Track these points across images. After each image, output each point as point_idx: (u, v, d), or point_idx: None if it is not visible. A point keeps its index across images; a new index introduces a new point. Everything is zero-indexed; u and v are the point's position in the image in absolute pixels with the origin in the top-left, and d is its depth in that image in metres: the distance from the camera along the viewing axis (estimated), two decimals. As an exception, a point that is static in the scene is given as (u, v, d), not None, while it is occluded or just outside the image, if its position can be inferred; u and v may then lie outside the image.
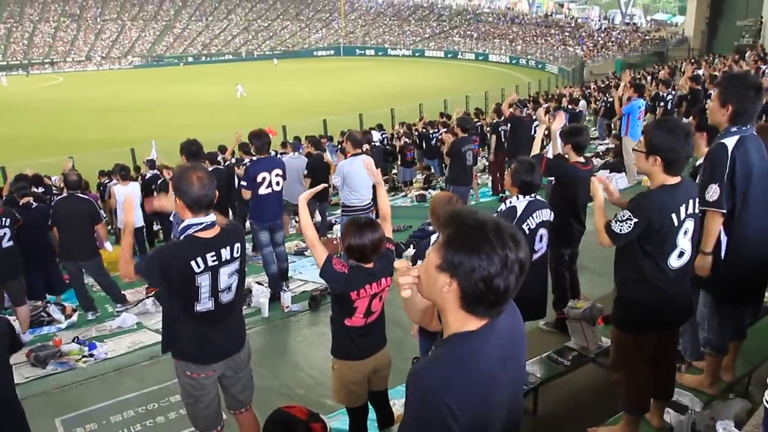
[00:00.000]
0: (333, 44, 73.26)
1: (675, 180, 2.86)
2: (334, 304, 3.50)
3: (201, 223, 3.04)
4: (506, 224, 1.51)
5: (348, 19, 76.49)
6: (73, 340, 6.21)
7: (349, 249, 3.28)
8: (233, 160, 10.04)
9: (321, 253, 3.29)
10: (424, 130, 15.52)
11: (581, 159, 5.02)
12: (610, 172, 10.64)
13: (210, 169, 9.70)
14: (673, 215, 2.82)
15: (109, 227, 9.90)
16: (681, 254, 2.91)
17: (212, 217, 3.09)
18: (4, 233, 6.33)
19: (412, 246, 7.94)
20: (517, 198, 4.09)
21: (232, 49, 74.51)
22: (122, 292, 7.44)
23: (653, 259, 2.89)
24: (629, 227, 2.83)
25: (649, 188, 2.94)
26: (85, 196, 7.60)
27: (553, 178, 5.14)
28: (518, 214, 3.98)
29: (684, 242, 2.90)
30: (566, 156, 5.05)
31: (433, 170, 14.40)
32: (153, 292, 7.27)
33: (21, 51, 72.27)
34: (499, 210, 4.19)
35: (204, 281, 3.04)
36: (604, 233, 2.96)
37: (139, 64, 70.05)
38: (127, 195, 8.31)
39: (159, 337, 6.12)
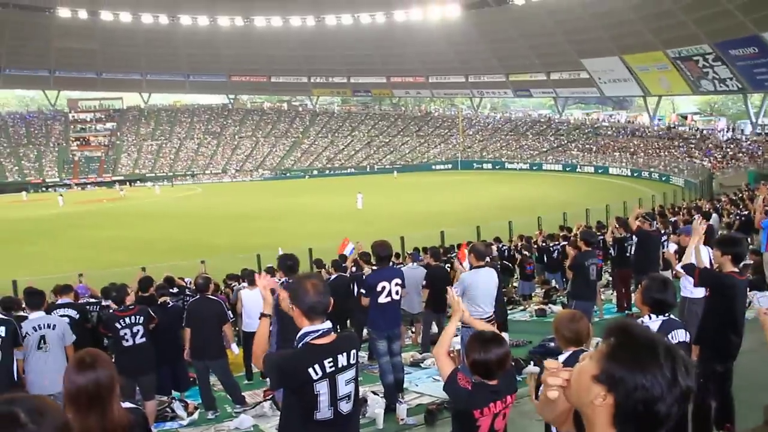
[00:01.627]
0: (451, 158, 75.23)
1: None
2: (455, 421, 3.38)
3: (317, 330, 3.08)
4: (677, 348, 1.42)
5: (466, 135, 78.69)
6: (193, 439, 6.36)
7: (474, 364, 3.18)
8: (353, 269, 10.28)
9: (446, 367, 3.22)
10: (544, 244, 15.25)
11: (735, 269, 4.71)
12: (750, 290, 9.81)
13: (334, 276, 10.03)
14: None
15: (235, 329, 10.27)
16: None
17: (328, 324, 3.13)
18: (138, 330, 6.76)
19: (532, 363, 7.61)
20: (650, 317, 3.86)
21: (355, 163, 78.41)
22: (242, 393, 7.61)
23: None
24: None
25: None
26: (216, 298, 8.02)
27: (705, 289, 4.83)
28: (653, 335, 3.73)
29: None
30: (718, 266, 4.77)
31: (554, 284, 13.97)
32: (270, 395, 7.37)
33: (168, 164, 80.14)
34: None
35: (322, 389, 3.04)
36: None
37: (269, 176, 75.21)
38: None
39: (275, 442, 6.19)
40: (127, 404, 2.85)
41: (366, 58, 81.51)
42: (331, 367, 3.05)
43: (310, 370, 3.00)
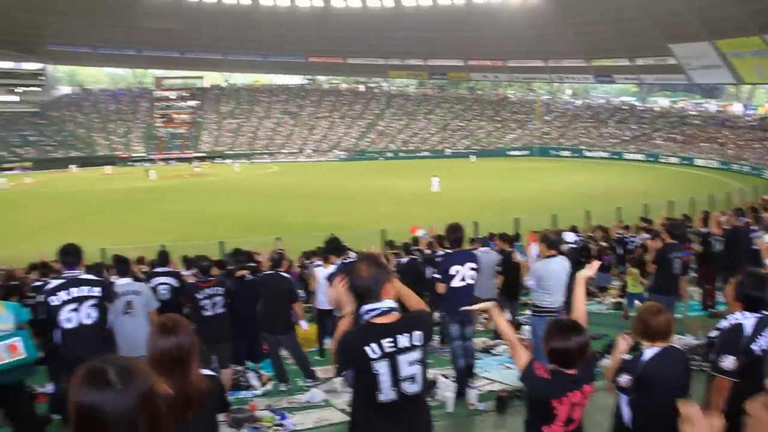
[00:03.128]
0: (527, 144, 73.78)
1: None
2: (532, 409, 3.31)
3: (377, 309, 3.04)
4: None
5: (543, 121, 76.89)
6: (266, 408, 6.55)
7: (553, 352, 3.10)
8: (427, 252, 10.26)
9: (522, 356, 3.16)
10: (619, 234, 14.73)
11: None
12: None
13: (405, 259, 10.05)
14: None
15: (308, 305, 10.46)
16: None
17: (389, 303, 3.08)
18: (217, 300, 7.01)
19: (608, 356, 7.39)
20: (743, 314, 3.66)
21: (429, 146, 78.08)
22: (313, 368, 7.76)
23: None
24: None
25: None
26: (287, 275, 8.18)
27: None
28: (746, 333, 3.54)
29: None
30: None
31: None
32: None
33: (247, 142, 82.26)
34: (720, 327, 3.76)
35: (382, 368, 2.98)
36: None
37: (344, 157, 75.94)
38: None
39: (344, 417, 6.28)
40: (205, 371, 2.94)
41: (443, 40, 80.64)
42: (390, 346, 2.98)
43: (367, 348, 2.96)
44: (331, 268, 9.29)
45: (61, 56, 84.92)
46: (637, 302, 9.38)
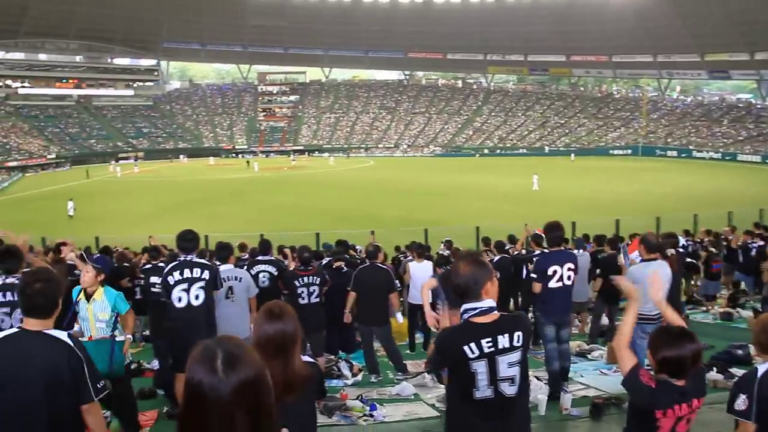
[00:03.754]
0: (631, 143, 70.63)
1: None
2: (632, 418, 3.16)
3: (477, 308, 3.00)
4: None
5: (649, 119, 73.36)
6: (357, 398, 6.63)
7: (664, 362, 2.93)
8: (523, 251, 10.05)
9: (628, 361, 3.01)
10: (740, 243, 13.79)
11: None
12: None
13: (497, 257, 9.89)
14: None
15: (401, 299, 10.51)
16: None
17: (490, 302, 3.02)
18: (314, 290, 7.16)
19: (714, 369, 6.97)
20: None
21: (527, 144, 76.47)
22: (404, 362, 7.79)
23: None
24: None
25: None
26: (384, 266, 8.24)
27: None
28: None
29: None
30: None
31: (743, 286, 12.64)
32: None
33: (344, 136, 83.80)
34: None
35: (480, 368, 2.96)
36: None
37: (439, 153, 75.75)
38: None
39: (433, 412, 6.27)
40: (306, 357, 3.01)
41: (545, 35, 78.71)
42: (490, 347, 2.95)
43: (466, 347, 2.93)
44: (425, 263, 9.31)
45: (173, 53, 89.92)
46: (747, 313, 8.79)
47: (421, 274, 9.35)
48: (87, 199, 35.41)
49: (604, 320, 9.37)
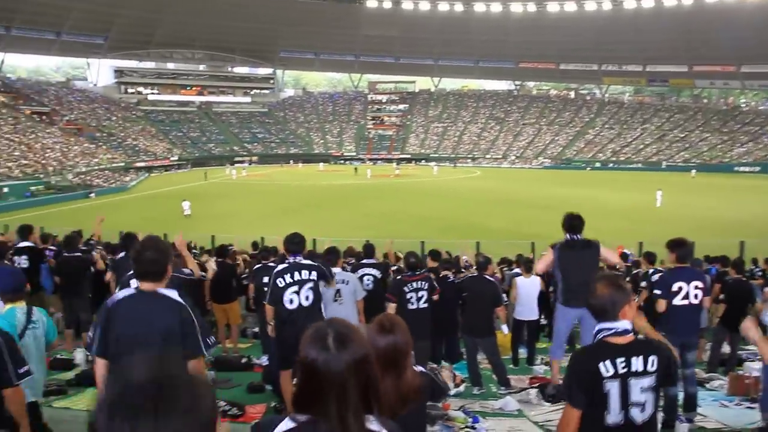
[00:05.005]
0: (760, 160, 65.59)
1: None
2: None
3: (613, 329, 2.96)
4: None
5: (782, 134, 68.02)
6: (459, 408, 6.56)
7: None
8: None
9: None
10: None
11: None
12: None
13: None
14: None
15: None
16: None
17: (626, 324, 2.97)
18: (422, 295, 7.17)
19: None
20: None
21: (642, 158, 73.04)
22: (508, 376, 7.63)
23: None
24: None
25: None
26: (492, 279, 8.13)
27: None
28: None
29: None
30: None
31: None
32: (537, 384, 7.27)
33: (451, 146, 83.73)
34: None
35: (613, 389, 2.88)
36: None
37: (549, 165, 73.96)
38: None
39: (538, 430, 6.08)
40: (418, 367, 3.00)
41: (666, 44, 74.96)
42: (623, 368, 2.90)
43: (601, 365, 2.89)
44: (533, 279, 9.09)
45: (289, 62, 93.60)
46: None
47: (528, 290, 9.15)
48: (203, 200, 37.52)
49: (725, 348, 8.74)
